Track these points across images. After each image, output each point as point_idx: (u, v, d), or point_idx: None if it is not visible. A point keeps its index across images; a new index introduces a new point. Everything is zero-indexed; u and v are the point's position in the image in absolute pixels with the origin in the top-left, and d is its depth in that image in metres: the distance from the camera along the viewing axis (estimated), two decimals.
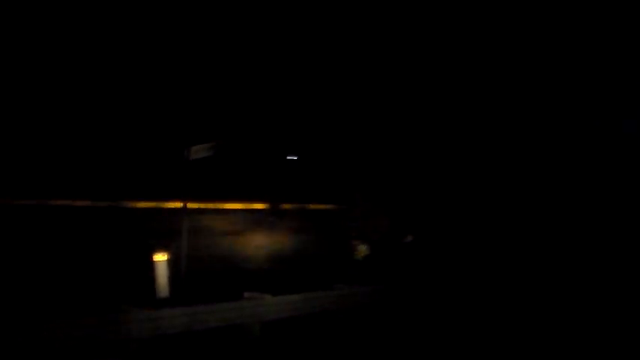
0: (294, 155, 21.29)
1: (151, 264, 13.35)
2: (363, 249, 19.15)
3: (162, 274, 13.63)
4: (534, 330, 13.60)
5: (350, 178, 21.64)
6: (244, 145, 19.19)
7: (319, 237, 19.96)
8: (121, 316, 11.29)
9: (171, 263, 14.08)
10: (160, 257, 14.11)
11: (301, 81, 20.53)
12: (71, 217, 16.71)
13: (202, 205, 18.11)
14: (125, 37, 16.56)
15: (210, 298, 12.75)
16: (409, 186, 22.05)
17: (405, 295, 15.44)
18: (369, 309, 14.63)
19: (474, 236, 21.19)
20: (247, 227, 19.42)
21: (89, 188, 17.12)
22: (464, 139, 23.61)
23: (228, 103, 18.66)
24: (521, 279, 17.24)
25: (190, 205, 14.51)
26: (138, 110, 17.42)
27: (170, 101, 17.48)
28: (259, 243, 18.91)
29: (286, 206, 20.93)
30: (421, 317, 14.54)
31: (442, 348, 12.46)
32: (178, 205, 15.56)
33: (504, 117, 24.02)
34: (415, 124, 22.69)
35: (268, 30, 19.29)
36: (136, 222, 17.39)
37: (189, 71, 17.82)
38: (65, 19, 15.92)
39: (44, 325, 10.54)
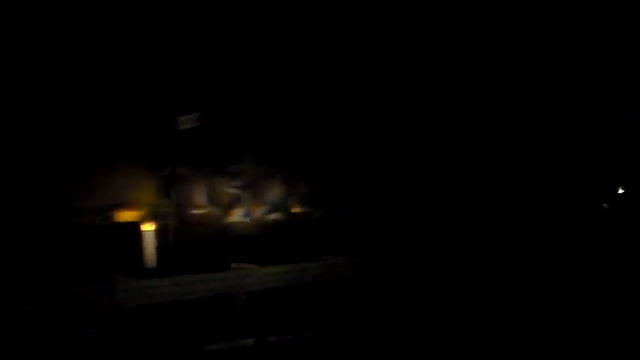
0: None
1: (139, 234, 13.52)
2: None
3: (149, 244, 13.82)
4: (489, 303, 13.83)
5: None
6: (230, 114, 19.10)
7: None
8: (108, 285, 11.50)
9: (159, 233, 14.27)
10: (148, 227, 14.28)
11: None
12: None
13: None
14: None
15: (197, 268, 12.94)
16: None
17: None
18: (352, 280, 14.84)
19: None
20: None
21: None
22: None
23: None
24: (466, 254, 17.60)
25: None
26: (129, 81, 17.30)
27: (157, 73, 17.38)
28: None
29: None
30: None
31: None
32: None
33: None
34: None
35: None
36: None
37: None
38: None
39: (32, 294, 10.76)
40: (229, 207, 18.84)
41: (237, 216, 18.81)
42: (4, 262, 12.96)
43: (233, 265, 14.08)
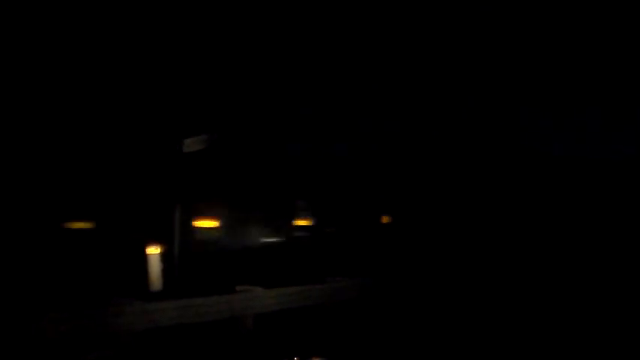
0: None
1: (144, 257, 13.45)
2: None
3: (154, 268, 13.73)
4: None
5: None
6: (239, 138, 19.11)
7: None
8: (113, 309, 11.39)
9: (163, 256, 14.18)
10: (153, 250, 14.21)
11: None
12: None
13: None
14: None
15: (202, 290, 12.86)
16: None
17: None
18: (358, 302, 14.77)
19: None
20: None
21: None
22: None
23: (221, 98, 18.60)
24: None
25: None
26: (133, 105, 17.34)
27: (164, 95, 17.43)
28: None
29: None
30: None
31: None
32: None
33: None
34: None
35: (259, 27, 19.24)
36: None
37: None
38: (56, 14, 15.85)
39: (38, 319, 10.65)
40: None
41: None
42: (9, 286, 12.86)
43: (238, 288, 14.00)
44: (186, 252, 14.73)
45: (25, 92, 15.48)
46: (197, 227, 17.23)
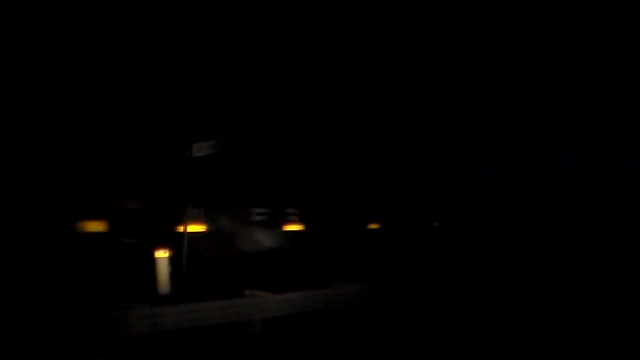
0: None
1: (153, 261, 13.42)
2: None
3: (163, 271, 13.70)
4: None
5: None
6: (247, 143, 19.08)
7: None
8: (121, 313, 11.35)
9: (172, 260, 14.15)
10: (162, 254, 14.19)
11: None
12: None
13: None
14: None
15: (211, 294, 12.79)
16: None
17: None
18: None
19: None
20: None
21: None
22: None
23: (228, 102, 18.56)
24: None
25: None
26: (140, 110, 17.36)
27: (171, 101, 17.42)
28: None
29: None
30: None
31: None
32: None
33: None
34: None
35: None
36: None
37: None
38: (63, 18, 15.90)
39: (46, 322, 10.62)
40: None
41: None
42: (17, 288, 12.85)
43: (246, 292, 13.92)
44: (194, 256, 14.68)
45: (42, 101, 15.56)
46: (205, 231, 17.19)
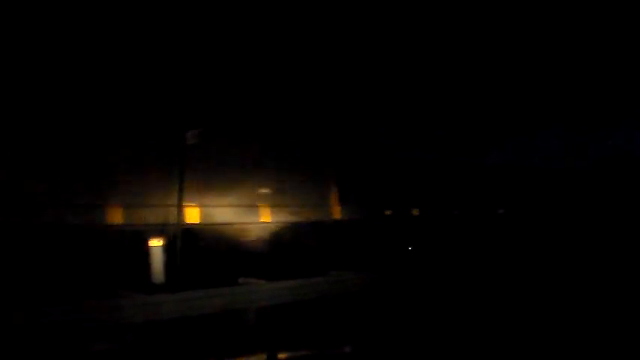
0: None
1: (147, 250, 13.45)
2: None
3: (157, 260, 13.75)
4: None
5: None
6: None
7: None
8: (114, 302, 11.43)
9: (166, 248, 14.16)
10: (156, 243, 14.23)
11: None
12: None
13: None
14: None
15: (205, 283, 12.83)
16: None
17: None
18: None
19: None
20: None
21: None
22: None
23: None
24: None
25: None
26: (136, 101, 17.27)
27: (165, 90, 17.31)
28: None
29: None
30: None
31: None
32: None
33: None
34: None
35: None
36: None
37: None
38: (58, 11, 15.76)
39: (42, 310, 10.71)
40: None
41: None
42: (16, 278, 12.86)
43: (240, 280, 14.00)
44: (188, 244, 14.70)
45: (47, 100, 15.49)
46: (201, 219, 17.22)
